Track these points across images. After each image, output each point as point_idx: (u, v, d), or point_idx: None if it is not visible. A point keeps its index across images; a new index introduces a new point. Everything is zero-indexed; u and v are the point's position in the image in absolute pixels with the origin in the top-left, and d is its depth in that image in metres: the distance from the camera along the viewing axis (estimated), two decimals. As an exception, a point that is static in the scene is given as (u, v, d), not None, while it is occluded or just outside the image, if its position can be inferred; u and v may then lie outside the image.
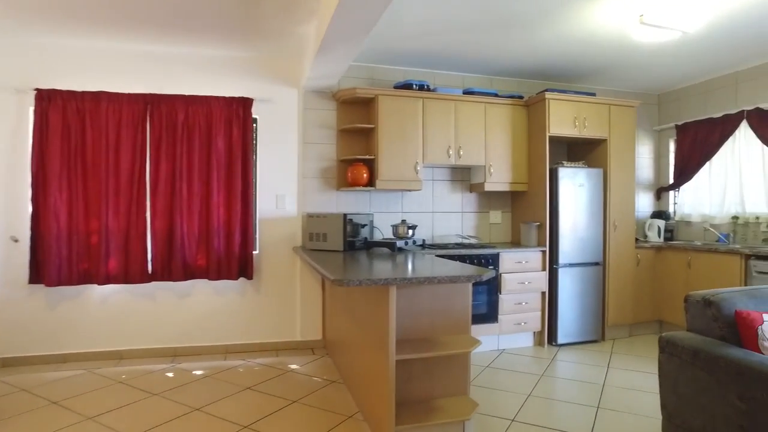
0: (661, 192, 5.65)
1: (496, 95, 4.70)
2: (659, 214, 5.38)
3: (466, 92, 4.64)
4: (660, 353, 2.41)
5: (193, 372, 3.84)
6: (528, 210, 4.79)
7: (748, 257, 4.15)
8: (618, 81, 5.21)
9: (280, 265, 4.52)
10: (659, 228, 5.16)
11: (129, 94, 4.03)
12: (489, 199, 5.06)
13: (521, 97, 4.78)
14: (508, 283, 4.40)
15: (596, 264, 4.67)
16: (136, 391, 3.41)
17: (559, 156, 5.24)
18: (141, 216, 4.09)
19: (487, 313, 4.37)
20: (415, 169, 4.42)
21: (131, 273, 4.08)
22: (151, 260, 4.16)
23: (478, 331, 4.33)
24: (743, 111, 4.68)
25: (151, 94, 4.09)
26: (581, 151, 5.07)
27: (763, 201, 4.58)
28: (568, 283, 4.57)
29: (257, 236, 4.50)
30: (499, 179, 4.68)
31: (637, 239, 5.28)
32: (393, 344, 2.47)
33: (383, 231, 4.71)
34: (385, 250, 4.10)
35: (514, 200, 5.06)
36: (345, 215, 4.01)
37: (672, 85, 5.39)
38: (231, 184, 4.29)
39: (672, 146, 5.55)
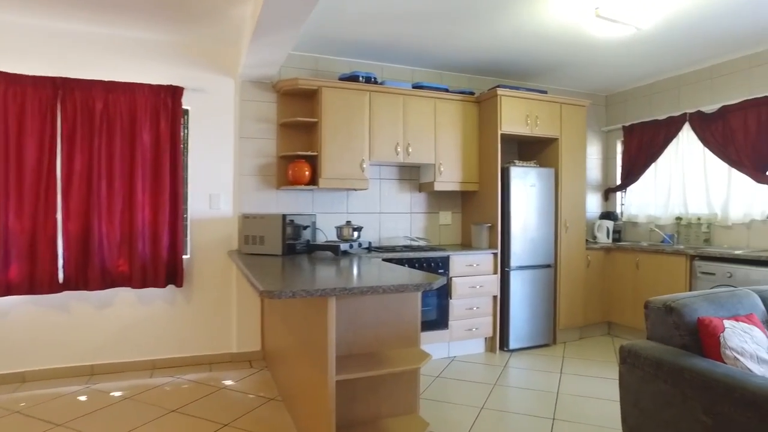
0: (609, 193, 5.65)
1: (446, 90, 4.50)
2: (608, 214, 5.37)
3: (416, 86, 4.41)
4: (621, 364, 2.24)
5: (111, 393, 3.40)
6: (479, 211, 4.62)
7: (692, 258, 4.14)
8: (568, 80, 5.14)
9: (214, 270, 4.12)
10: (608, 229, 5.13)
11: (35, 77, 3.53)
12: (439, 200, 4.85)
13: (472, 93, 4.61)
14: (458, 288, 4.20)
15: (548, 266, 4.56)
16: (35, 422, 2.94)
17: (511, 155, 5.11)
18: (50, 217, 3.59)
19: (437, 319, 4.15)
20: (361, 166, 4.15)
21: (37, 282, 3.57)
22: (63, 267, 3.67)
23: (428, 338, 4.10)
24: (686, 114, 4.71)
25: (62, 78, 3.60)
26: (532, 150, 4.96)
27: (703, 202, 4.62)
28: (519, 286, 4.43)
29: (188, 239, 4.08)
30: (449, 178, 4.48)
31: (587, 240, 5.22)
32: (332, 362, 2.18)
33: (327, 233, 4.40)
34: (329, 253, 3.80)
35: (464, 200, 4.88)
36: (284, 216, 3.68)
37: (619, 86, 5.39)
38: (158, 182, 3.86)
39: (619, 147, 5.56)
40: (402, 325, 2.63)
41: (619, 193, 5.60)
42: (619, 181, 5.50)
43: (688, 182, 4.74)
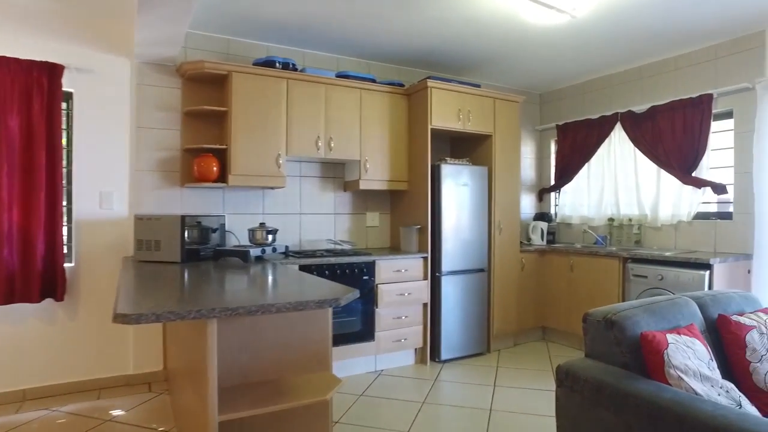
0: (543, 193, 5.51)
1: (373, 81, 4.15)
2: (542, 215, 5.21)
3: (340, 75, 4.03)
4: (558, 387, 1.96)
5: (-41, 434, 2.78)
6: (408, 211, 4.31)
7: (625, 260, 4.02)
8: (502, 75, 4.94)
9: (105, 280, 3.55)
10: (542, 230, 4.97)
11: None
12: (366, 199, 4.49)
13: (402, 85, 4.29)
14: (385, 295, 3.86)
15: (481, 270, 4.31)
16: None
17: (442, 152, 4.84)
18: None
19: (362, 330, 3.79)
20: (277, 162, 3.71)
21: None
22: None
23: (353, 351, 3.73)
24: (617, 113, 4.62)
25: None
26: (465, 147, 4.71)
27: (634, 203, 4.54)
28: (451, 292, 4.14)
29: (73, 244, 3.49)
30: (376, 176, 4.13)
31: (521, 242, 5.03)
32: (214, 400, 1.75)
33: (240, 236, 3.93)
34: (237, 260, 3.34)
35: (393, 201, 4.55)
36: (183, 217, 3.19)
37: (553, 84, 5.26)
38: (30, 177, 3.25)
39: (553, 147, 5.44)
40: (310, 346, 2.23)
41: (553, 194, 5.48)
42: (553, 182, 5.37)
43: (620, 183, 4.65)
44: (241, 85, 3.59)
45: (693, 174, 4.05)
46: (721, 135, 4.03)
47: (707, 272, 3.46)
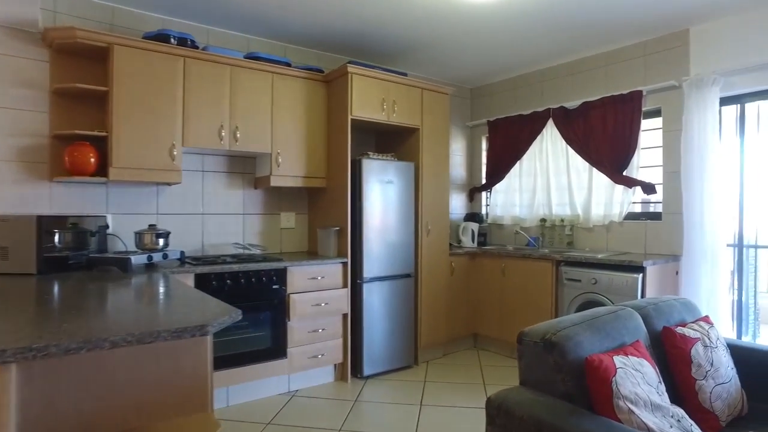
0: (474, 192, 5.26)
1: (288, 65, 3.68)
2: (473, 216, 4.95)
3: (250, 57, 3.53)
4: (488, 425, 1.60)
5: None
6: (327, 212, 3.87)
7: (558, 263, 3.80)
8: (431, 66, 4.62)
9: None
10: (473, 232, 4.70)
11: None
12: (280, 198, 4.01)
13: (321, 71, 3.85)
14: (299, 306, 3.40)
15: (407, 276, 3.95)
16: None
17: (367, 146, 4.45)
18: None
19: (272, 347, 3.31)
20: (171, 154, 3.16)
21: None
22: None
23: (261, 371, 3.24)
24: (549, 109, 4.43)
25: None
26: (392, 141, 4.34)
27: (566, 203, 4.36)
28: (375, 300, 3.75)
29: None
30: (289, 172, 3.66)
31: (451, 244, 4.74)
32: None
33: (129, 240, 3.33)
34: (115, 269, 2.77)
35: (312, 199, 4.10)
36: (39, 217, 2.58)
37: (484, 78, 5.02)
38: None
39: (485, 144, 5.19)
40: (183, 382, 1.74)
41: (484, 193, 5.24)
42: (484, 180, 5.12)
43: (553, 182, 4.46)
44: (126, 61, 3.01)
45: (624, 173, 3.91)
46: (651, 133, 3.92)
47: (640, 275, 3.28)
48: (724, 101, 3.49)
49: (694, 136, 3.46)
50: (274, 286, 3.32)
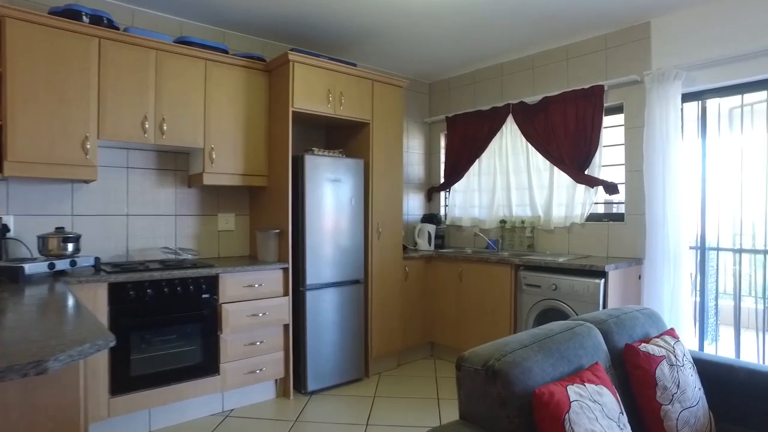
0: (432, 192, 5.00)
1: (225, 52, 3.34)
2: (430, 217, 4.69)
3: (180, 41, 3.18)
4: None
5: None
6: (269, 213, 3.55)
7: (518, 267, 3.57)
8: (386, 60, 4.34)
9: None
10: (430, 234, 4.44)
11: None
12: (218, 198, 3.66)
13: (262, 60, 3.52)
14: (233, 317, 3.06)
15: (356, 282, 3.66)
16: None
17: (315, 142, 4.14)
18: None
19: (201, 363, 2.96)
20: (83, 147, 2.79)
21: None
22: None
23: (191, 390, 2.90)
24: (509, 105, 4.21)
25: None
26: (343, 137, 4.04)
27: (527, 203, 4.15)
28: (320, 309, 3.45)
29: None
30: (225, 169, 3.32)
31: (406, 247, 4.48)
32: None
33: (34, 246, 2.93)
34: (4, 280, 2.39)
35: (253, 199, 3.76)
36: None
37: (443, 73, 4.77)
38: None
39: (443, 141, 4.95)
40: (46, 424, 1.41)
41: (443, 193, 4.99)
42: (442, 179, 4.88)
43: (513, 181, 4.24)
44: (24, 38, 2.62)
45: (586, 172, 3.71)
46: (613, 130, 3.74)
47: (602, 281, 3.07)
48: (686, 98, 3.33)
49: (656, 132, 3.29)
50: (204, 296, 2.97)
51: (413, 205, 4.93)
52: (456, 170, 4.63)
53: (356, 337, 3.66)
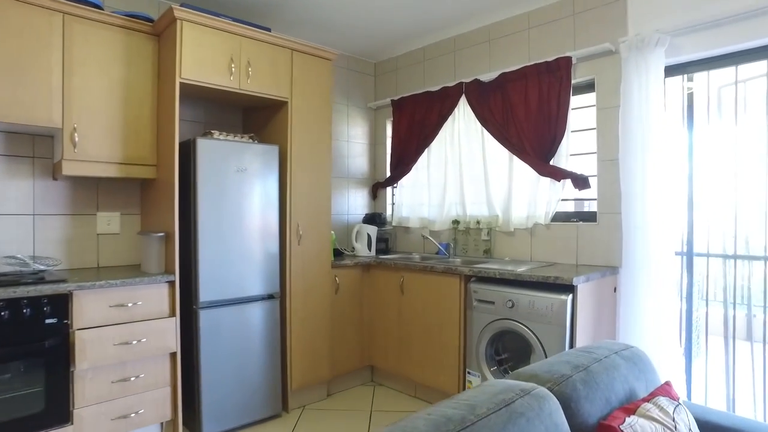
0: (377, 189, 4.33)
1: (97, 7, 2.60)
2: (372, 217, 4.02)
3: (28, -11, 2.43)
4: None
5: None
6: (158, 211, 2.82)
7: (468, 279, 2.93)
8: (322, 32, 3.64)
9: None
10: (369, 237, 3.76)
11: None
12: (97, 193, 2.91)
13: (150, 21, 2.79)
14: (92, 347, 2.32)
15: (269, 297, 2.96)
16: None
17: (231, 127, 3.43)
18: None
19: (45, 411, 2.22)
20: None
21: None
22: None
23: (20, 452, 2.15)
24: (462, 83, 3.57)
25: None
26: (261, 121, 3.33)
27: (483, 201, 3.51)
28: (219, 332, 2.73)
29: None
30: (95, 155, 2.58)
31: (342, 253, 3.79)
32: None
33: None
34: None
35: (144, 195, 3.02)
36: None
37: (388, 50, 4.11)
38: None
39: (390, 128, 4.28)
40: None
41: (389, 190, 4.32)
42: (388, 173, 4.21)
43: (467, 175, 3.60)
44: None
45: (551, 162, 3.10)
46: (582, 112, 3.13)
47: (569, 296, 2.44)
48: (669, 71, 2.72)
49: (634, 113, 2.68)
50: (49, 321, 2.23)
51: (356, 203, 4.25)
52: (403, 162, 3.97)
53: (270, 365, 2.95)
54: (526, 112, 3.18)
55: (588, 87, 3.07)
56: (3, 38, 2.31)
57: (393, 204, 4.27)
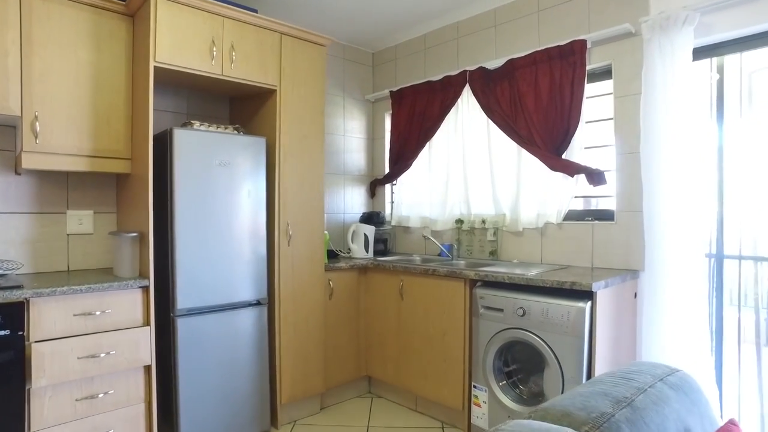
0: (375, 186, 4.07)
1: (63, -16, 2.35)
2: (369, 217, 3.76)
3: (-15, -38, 2.18)
4: None
5: None
6: (132, 209, 2.57)
7: (473, 283, 2.67)
8: (317, 17, 3.39)
9: None
10: (366, 237, 3.50)
11: None
12: (67, 189, 2.66)
13: (123, 0, 2.54)
14: (51, 362, 2.07)
15: (256, 304, 2.70)
16: None
17: (217, 119, 3.17)
18: None
19: (-2, 433, 1.97)
20: None
21: None
22: None
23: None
24: (465, 72, 3.31)
25: None
26: (249, 111, 3.08)
27: (489, 198, 3.25)
28: (200, 342, 2.48)
29: None
30: (60, 147, 2.33)
31: (337, 255, 3.54)
32: None
33: None
34: None
35: (121, 191, 2.77)
36: None
37: (387, 38, 3.85)
38: None
39: (389, 121, 4.02)
40: None
41: (388, 187, 4.06)
42: (387, 169, 3.96)
43: (471, 171, 3.34)
44: None
45: (563, 156, 2.84)
46: (598, 101, 2.87)
47: (588, 303, 2.18)
48: (697, 54, 2.46)
49: (658, 101, 2.41)
50: (1, 333, 1.98)
51: (352, 201, 3.99)
52: (402, 157, 3.71)
53: (257, 377, 2.70)
54: (536, 102, 2.92)
55: (604, 74, 2.81)
56: (-48, 15, 2.06)
57: (392, 202, 4.01)
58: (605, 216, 2.77)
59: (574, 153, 2.82)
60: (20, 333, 2.02)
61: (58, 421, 2.11)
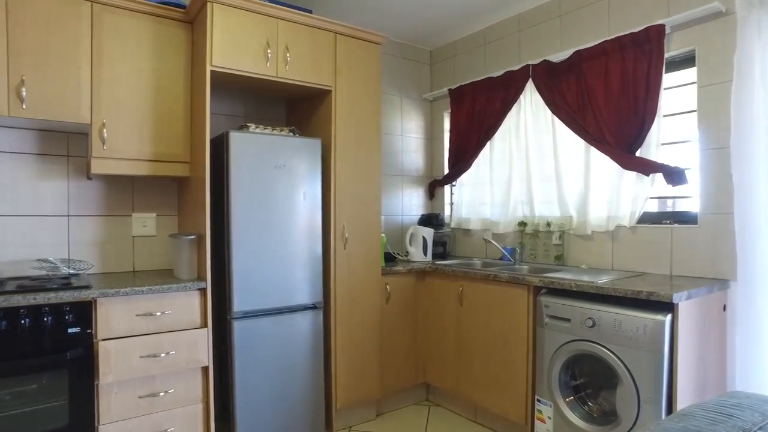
0: (434, 187, 3.97)
1: (126, -6, 2.44)
2: (428, 219, 3.66)
3: (58, -23, 2.29)
4: None
5: None
6: (192, 211, 2.62)
7: (537, 290, 2.51)
8: (372, 15, 3.34)
9: None
10: (425, 240, 3.40)
11: None
12: (132, 193, 2.76)
13: (181, 7, 2.60)
14: (117, 359, 2.14)
15: (312, 308, 2.68)
16: None
17: (273, 121, 3.20)
18: None
19: (68, 426, 2.06)
20: None
21: None
22: None
23: (38, 473, 1.99)
24: (528, 66, 3.14)
25: None
26: (305, 113, 3.07)
27: (554, 200, 3.06)
28: (255, 345, 2.49)
29: None
30: (125, 153, 2.41)
31: (394, 258, 3.47)
32: None
33: None
34: None
35: (182, 194, 2.84)
36: None
37: (445, 34, 3.73)
38: None
39: (447, 121, 3.90)
40: None
41: (447, 188, 3.94)
42: (447, 170, 3.84)
43: (535, 170, 3.16)
44: None
45: (637, 153, 2.61)
46: (678, 92, 2.61)
47: (668, 316, 1.97)
48: (797, 35, 2.17)
49: (755, 88, 2.15)
50: (72, 330, 2.07)
51: (411, 203, 3.91)
52: (462, 157, 3.58)
53: (312, 381, 2.67)
54: (607, 95, 2.70)
55: (685, 61, 2.55)
56: (29, 29, 2.17)
57: (452, 204, 3.89)
58: (686, 218, 2.52)
59: (649, 150, 2.58)
60: (89, 331, 2.10)
61: (122, 417, 2.18)
